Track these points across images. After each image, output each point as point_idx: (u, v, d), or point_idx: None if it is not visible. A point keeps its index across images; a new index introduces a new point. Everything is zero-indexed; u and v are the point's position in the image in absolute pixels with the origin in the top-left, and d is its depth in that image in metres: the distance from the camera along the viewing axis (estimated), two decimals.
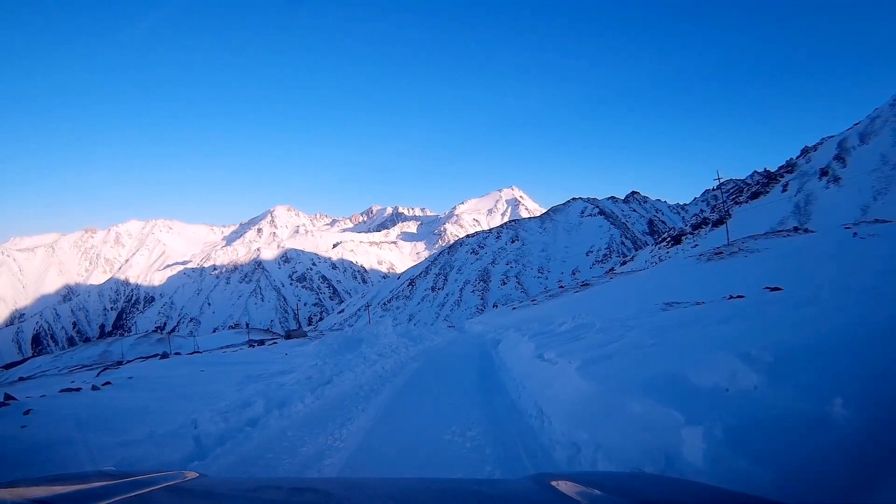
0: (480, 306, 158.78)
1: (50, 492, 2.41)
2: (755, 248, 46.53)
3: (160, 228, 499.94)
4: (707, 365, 5.33)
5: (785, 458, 3.56)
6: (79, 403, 10.32)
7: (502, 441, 7.15)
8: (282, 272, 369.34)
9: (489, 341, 23.83)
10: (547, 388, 8.32)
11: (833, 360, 4.79)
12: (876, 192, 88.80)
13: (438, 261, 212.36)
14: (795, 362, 4.86)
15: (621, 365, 7.22)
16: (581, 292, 56.10)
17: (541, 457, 6.31)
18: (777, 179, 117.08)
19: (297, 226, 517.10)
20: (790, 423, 3.90)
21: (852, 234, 42.62)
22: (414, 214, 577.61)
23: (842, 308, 7.67)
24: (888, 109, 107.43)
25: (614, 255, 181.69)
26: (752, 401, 4.41)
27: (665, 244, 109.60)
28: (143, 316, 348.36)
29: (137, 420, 8.90)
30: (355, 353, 18.80)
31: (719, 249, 49.40)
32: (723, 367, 5.04)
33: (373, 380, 13.69)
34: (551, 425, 7.00)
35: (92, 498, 2.16)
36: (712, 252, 49.41)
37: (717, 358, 5.33)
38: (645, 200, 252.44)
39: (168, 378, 15.03)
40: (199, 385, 13.49)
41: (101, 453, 6.90)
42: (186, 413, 9.33)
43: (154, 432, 7.81)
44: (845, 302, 8.45)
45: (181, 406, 10.41)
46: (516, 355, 13.54)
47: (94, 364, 55.64)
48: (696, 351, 6.60)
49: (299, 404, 10.23)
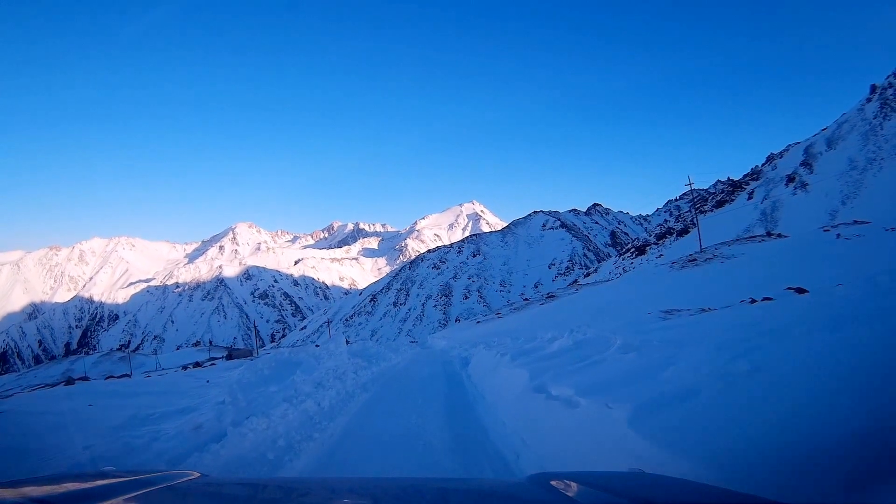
0: (443, 321, 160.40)
1: (50, 491, 2.38)
2: (730, 255, 45.66)
3: (123, 246, 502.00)
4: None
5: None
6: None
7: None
8: (244, 289, 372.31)
9: (456, 360, 20.95)
10: (576, 457, 5.04)
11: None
12: (844, 196, 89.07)
13: (400, 276, 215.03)
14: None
15: (733, 418, 3.78)
16: (547, 304, 55.22)
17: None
18: (742, 187, 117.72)
19: (258, 243, 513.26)
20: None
21: (835, 235, 41.99)
22: (375, 230, 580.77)
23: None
24: (856, 114, 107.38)
25: (577, 267, 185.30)
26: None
27: (629, 255, 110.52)
28: (108, 334, 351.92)
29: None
30: (284, 382, 12.64)
31: (693, 256, 48.58)
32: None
33: (294, 429, 8.60)
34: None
35: (93, 497, 2.16)
36: (686, 259, 48.61)
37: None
38: (607, 212, 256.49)
39: (28, 422, 11.31)
40: (46, 436, 9.63)
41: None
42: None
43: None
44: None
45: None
46: (499, 384, 10.38)
47: (55, 383, 53.57)
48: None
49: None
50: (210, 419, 9.03)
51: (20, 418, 11.55)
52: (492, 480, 5.04)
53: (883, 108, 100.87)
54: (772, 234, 58.22)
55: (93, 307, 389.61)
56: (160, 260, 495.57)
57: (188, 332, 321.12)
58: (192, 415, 10.27)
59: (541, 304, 58.57)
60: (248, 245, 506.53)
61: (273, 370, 15.35)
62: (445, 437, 7.68)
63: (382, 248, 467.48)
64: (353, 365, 18.40)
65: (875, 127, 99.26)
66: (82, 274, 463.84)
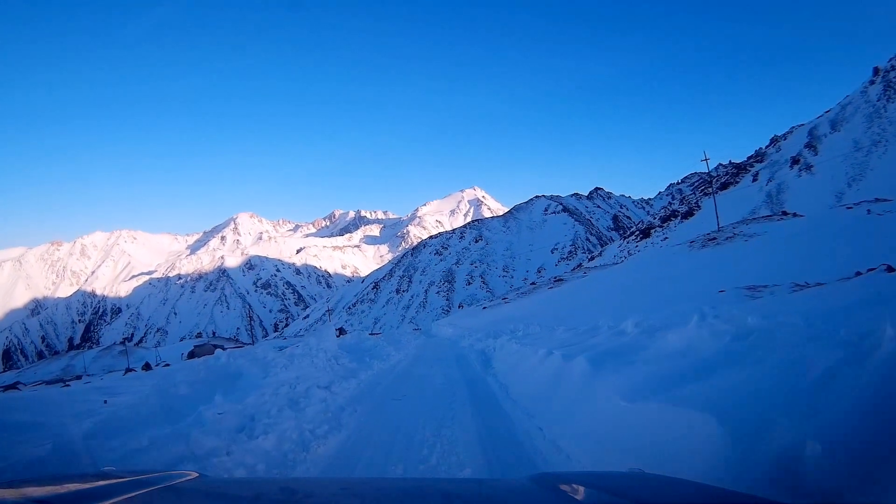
0: (446, 307, 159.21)
1: (50, 491, 2.35)
2: (752, 233, 44.33)
3: (125, 239, 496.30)
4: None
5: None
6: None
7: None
8: (246, 279, 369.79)
9: (473, 354, 17.52)
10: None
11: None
12: (850, 178, 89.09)
13: (402, 263, 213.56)
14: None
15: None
16: (556, 288, 53.96)
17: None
18: (747, 169, 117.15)
19: (260, 232, 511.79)
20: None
21: (865, 211, 41.22)
22: (376, 217, 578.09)
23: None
24: (860, 96, 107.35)
25: (580, 251, 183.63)
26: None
27: (634, 238, 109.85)
28: (111, 328, 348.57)
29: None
30: (185, 421, 7.28)
31: (712, 235, 47.47)
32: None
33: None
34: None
35: (93, 498, 2.11)
36: (705, 238, 47.37)
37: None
38: (609, 196, 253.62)
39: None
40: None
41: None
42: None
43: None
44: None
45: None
46: (569, 408, 6.48)
47: (54, 379, 53.19)
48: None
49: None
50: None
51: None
52: (493, 481, 4.74)
53: (886, 91, 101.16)
54: (787, 213, 57.03)
55: (95, 301, 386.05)
56: (162, 252, 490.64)
57: (191, 324, 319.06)
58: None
59: (549, 287, 57.57)
60: (249, 235, 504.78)
61: (194, 387, 10.14)
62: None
63: (384, 235, 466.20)
64: (331, 372, 12.41)
65: (879, 109, 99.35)
66: (84, 268, 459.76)
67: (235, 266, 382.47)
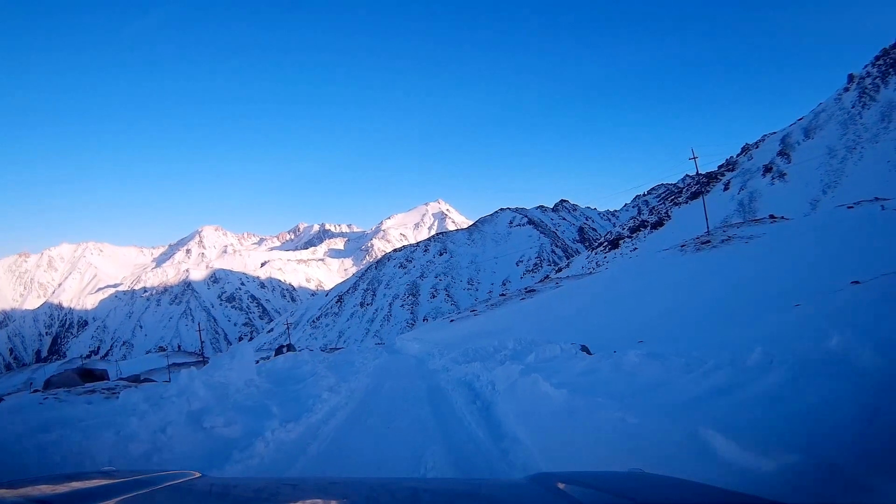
0: (410, 320, 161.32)
1: (51, 491, 2.39)
2: (748, 235, 41.95)
3: (91, 251, 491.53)
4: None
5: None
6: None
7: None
8: (211, 293, 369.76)
9: (452, 386, 12.22)
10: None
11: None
12: (825, 185, 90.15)
13: (366, 276, 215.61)
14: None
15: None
16: (529, 300, 50.90)
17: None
18: (718, 178, 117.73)
19: (224, 245, 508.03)
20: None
21: (880, 207, 39.97)
22: (341, 231, 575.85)
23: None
24: (834, 104, 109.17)
25: (545, 263, 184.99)
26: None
27: (602, 249, 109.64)
28: (78, 340, 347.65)
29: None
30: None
31: (705, 238, 45.51)
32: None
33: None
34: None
35: (93, 497, 2.17)
36: (698, 242, 45.08)
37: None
38: (574, 208, 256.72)
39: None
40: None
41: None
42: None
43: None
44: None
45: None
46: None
47: (14, 392, 49.75)
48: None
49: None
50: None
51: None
52: (492, 481, 4.90)
53: (861, 97, 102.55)
54: (775, 217, 55.58)
55: (62, 314, 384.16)
56: (128, 265, 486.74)
57: (157, 337, 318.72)
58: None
59: (521, 299, 54.63)
60: (214, 248, 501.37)
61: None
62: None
63: (349, 248, 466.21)
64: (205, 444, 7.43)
65: (854, 115, 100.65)
66: (52, 280, 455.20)
67: (200, 279, 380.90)
